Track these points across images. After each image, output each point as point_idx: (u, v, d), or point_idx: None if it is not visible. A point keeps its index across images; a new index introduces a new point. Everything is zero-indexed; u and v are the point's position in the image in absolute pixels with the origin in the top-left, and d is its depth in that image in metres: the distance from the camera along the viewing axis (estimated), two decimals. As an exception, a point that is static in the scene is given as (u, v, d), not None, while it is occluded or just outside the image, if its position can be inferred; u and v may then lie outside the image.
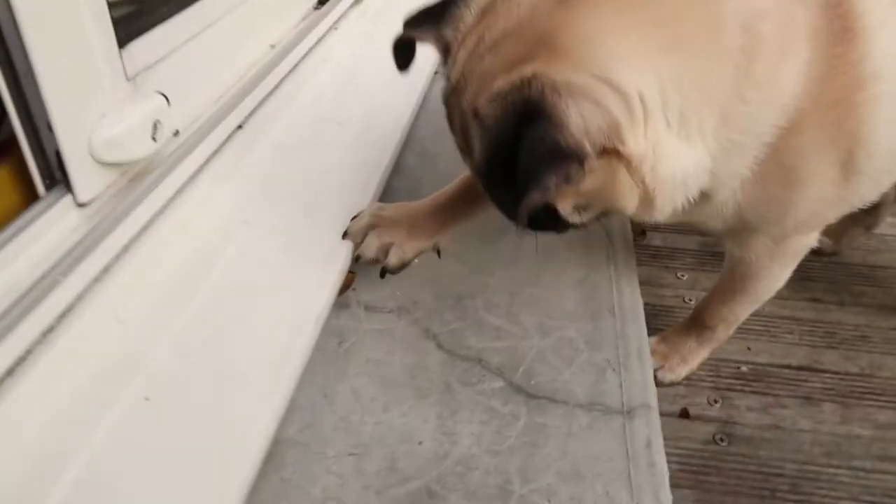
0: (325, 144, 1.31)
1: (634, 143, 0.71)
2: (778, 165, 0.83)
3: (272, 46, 1.50)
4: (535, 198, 0.67)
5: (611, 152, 0.71)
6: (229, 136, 1.19)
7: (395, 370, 0.99)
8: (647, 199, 0.79)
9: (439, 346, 1.04)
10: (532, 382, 0.99)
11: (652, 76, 0.70)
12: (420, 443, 0.89)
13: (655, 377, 1.23)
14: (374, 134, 1.37)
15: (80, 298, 0.84)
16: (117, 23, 0.97)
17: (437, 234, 1.09)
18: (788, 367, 1.31)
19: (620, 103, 0.68)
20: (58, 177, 0.90)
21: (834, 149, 0.84)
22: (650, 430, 0.93)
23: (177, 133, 1.05)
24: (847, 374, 1.30)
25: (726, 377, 1.29)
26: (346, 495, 0.82)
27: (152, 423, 0.76)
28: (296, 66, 1.48)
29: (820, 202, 0.91)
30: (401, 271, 1.08)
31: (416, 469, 0.86)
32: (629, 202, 0.79)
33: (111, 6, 0.92)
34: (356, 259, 1.06)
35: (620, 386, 1.00)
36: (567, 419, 0.94)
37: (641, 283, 1.52)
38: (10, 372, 0.73)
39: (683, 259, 1.59)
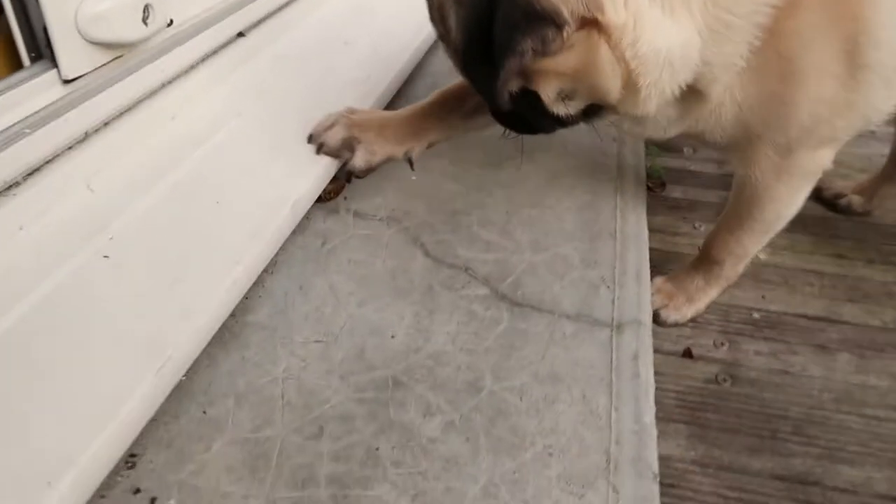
0: (328, 60, 1.28)
1: (614, 12, 0.68)
2: (775, 54, 0.77)
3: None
4: (511, 65, 0.65)
5: (590, 23, 0.68)
6: (229, 41, 1.16)
7: (376, 271, 0.95)
8: (630, 82, 0.74)
9: (426, 253, 1.00)
10: (518, 292, 0.94)
11: None
12: (392, 336, 0.85)
13: (658, 316, 1.17)
14: (379, 55, 1.33)
15: (50, 162, 0.82)
16: None
17: (409, 142, 1.03)
18: (804, 316, 1.23)
19: None
20: (44, 51, 0.88)
21: (836, 35, 0.77)
22: (639, 344, 0.87)
23: (171, 23, 1.03)
24: (867, 326, 1.21)
25: (736, 322, 1.21)
26: (307, 377, 0.78)
27: (107, 278, 0.74)
28: (309, -13, 1.45)
29: (824, 103, 0.84)
30: (367, 174, 1.02)
31: (383, 360, 0.82)
32: (612, 84, 0.74)
33: None
34: (318, 147, 1.00)
35: (613, 302, 0.94)
36: (550, 327, 0.88)
37: (656, 231, 1.46)
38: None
39: (703, 212, 1.51)
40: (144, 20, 0.97)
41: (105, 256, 0.76)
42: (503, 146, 1.16)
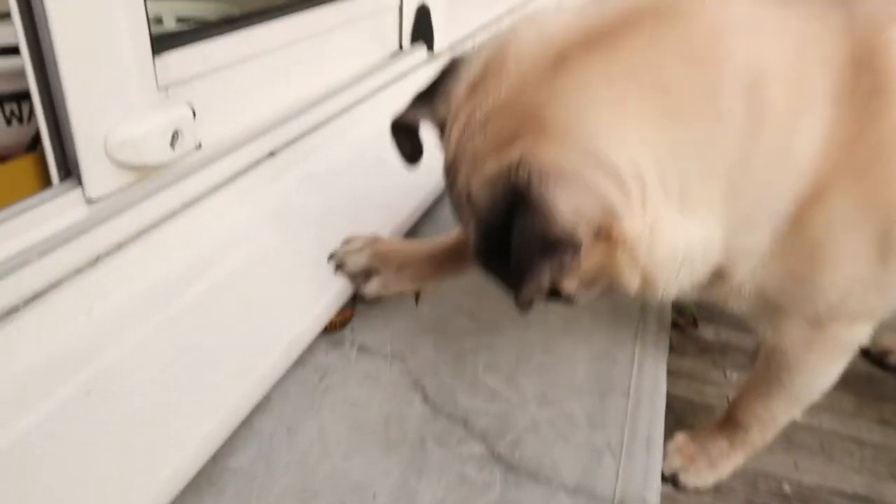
0: (356, 181, 1.29)
1: (631, 224, 0.66)
2: (801, 239, 0.73)
3: (331, 87, 1.53)
4: (530, 290, 0.64)
5: (606, 234, 0.66)
6: (258, 161, 1.19)
7: (370, 416, 0.92)
8: (647, 279, 0.72)
9: (425, 399, 0.96)
10: (516, 454, 0.88)
11: (647, 149, 0.65)
12: (374, 496, 0.80)
13: (678, 480, 1.09)
14: (406, 180, 1.33)
15: (55, 286, 0.83)
16: (162, 35, 1.01)
17: (424, 279, 1.04)
18: (842, 493, 1.12)
19: (613, 185, 0.64)
20: (73, 170, 0.91)
21: (867, 221, 0.73)
22: (641, 530, 0.80)
23: (199, 146, 1.06)
24: (913, 513, 1.09)
25: (764, 493, 1.12)
26: (276, 539, 0.74)
27: (86, 418, 0.72)
28: (350, 107, 1.49)
29: (854, 283, 0.78)
30: (374, 302, 1.04)
31: (360, 525, 0.77)
32: (630, 281, 0.72)
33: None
34: (338, 266, 1.01)
35: (617, 473, 0.87)
36: (545, 500, 0.82)
37: (684, 377, 1.38)
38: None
39: (735, 357, 1.43)
40: (172, 144, 0.99)
41: (87, 393, 0.75)
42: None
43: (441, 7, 1.85)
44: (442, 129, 0.78)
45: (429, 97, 0.79)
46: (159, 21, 1.76)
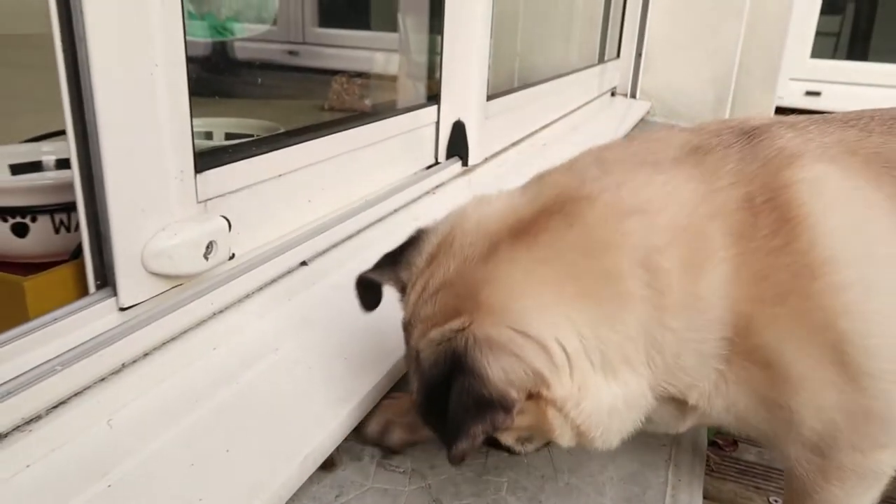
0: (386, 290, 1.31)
1: (559, 387, 0.74)
2: (752, 365, 0.76)
3: (367, 198, 1.58)
4: (462, 446, 0.70)
5: (537, 395, 0.74)
6: (290, 270, 1.22)
7: (385, 539, 0.88)
8: (581, 432, 0.78)
9: (443, 519, 0.92)
10: (539, 586, 0.83)
11: (567, 324, 0.74)
12: None
13: None
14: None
15: (78, 395, 0.84)
16: (203, 152, 1.07)
17: None
18: None
19: (540, 353, 0.73)
20: (110, 279, 0.95)
21: (810, 345, 0.74)
22: None
23: (232, 256, 1.09)
24: None
25: None
26: None
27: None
28: (382, 218, 1.54)
29: (834, 411, 0.77)
30: (403, 450, 1.03)
31: None
32: (564, 436, 0.79)
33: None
34: (358, 437, 1.03)
35: None
36: None
37: (724, 502, 1.30)
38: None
39: (779, 481, 1.34)
40: (206, 255, 1.03)
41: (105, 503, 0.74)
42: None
43: (475, 123, 1.93)
44: (403, 291, 0.90)
45: (393, 262, 0.92)
46: (209, 136, 1.88)
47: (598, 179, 0.82)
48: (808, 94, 4.58)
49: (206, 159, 1.07)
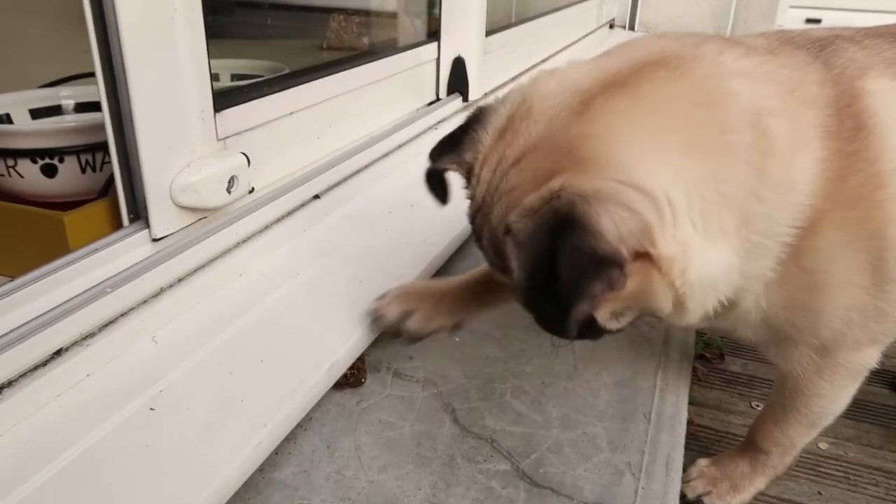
0: (392, 221, 1.39)
1: (665, 246, 0.70)
2: (798, 267, 0.78)
3: (372, 134, 1.65)
4: (583, 308, 0.66)
5: (643, 256, 0.70)
6: (304, 203, 1.30)
7: (403, 435, 0.99)
8: (679, 302, 0.76)
9: (455, 420, 1.03)
10: (540, 471, 0.94)
11: (675, 177, 0.70)
12: (406, 508, 0.87)
13: (701, 504, 1.12)
14: (441, 218, 1.43)
15: (125, 315, 0.94)
16: (221, 92, 1.14)
17: (460, 313, 1.09)
18: (866, 522, 1.14)
19: (650, 206, 0.68)
20: (142, 213, 1.03)
21: (859, 251, 0.78)
22: (658, 543, 0.85)
23: (252, 190, 1.17)
24: (939, 542, 1.10)
25: (787, 520, 1.14)
26: (316, 543, 0.81)
27: (149, 432, 0.82)
28: (387, 154, 1.61)
29: (854, 311, 0.83)
30: (417, 341, 1.07)
31: (393, 532, 0.84)
32: (664, 305, 0.76)
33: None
34: (377, 318, 1.06)
35: (636, 492, 0.92)
36: (566, 514, 0.88)
37: (710, 408, 1.42)
38: (45, 363, 0.82)
39: (762, 389, 1.45)
40: (229, 189, 1.11)
41: (151, 409, 0.84)
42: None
43: (475, 59, 1.97)
44: (468, 175, 0.83)
45: (454, 145, 0.84)
46: (216, 78, 1.92)
47: (698, 45, 0.79)
48: (809, 21, 4.54)
49: (223, 99, 1.14)
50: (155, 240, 1.03)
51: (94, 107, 1.33)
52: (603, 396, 1.10)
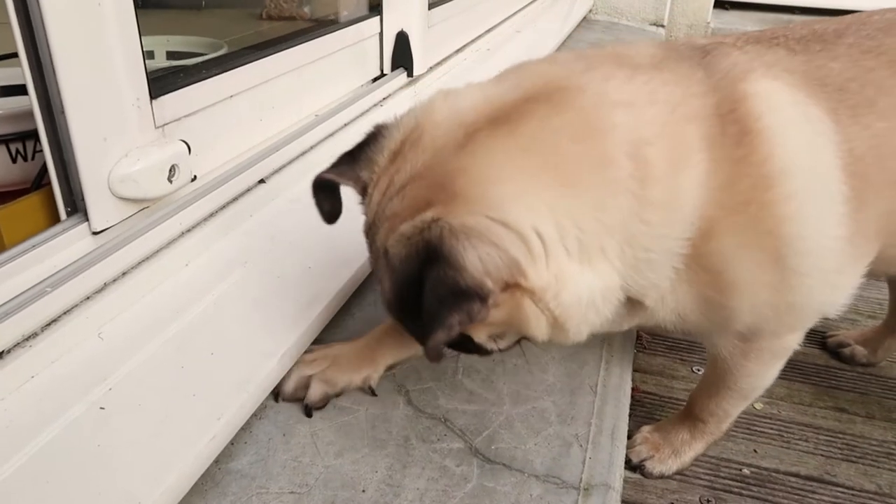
0: (342, 204, 1.38)
1: (536, 276, 0.74)
2: (703, 270, 0.82)
3: (316, 114, 1.63)
4: (439, 337, 0.69)
5: (513, 286, 0.73)
6: (249, 188, 1.28)
7: (358, 419, 1.00)
8: (556, 325, 0.79)
9: (409, 402, 1.05)
10: (492, 447, 0.98)
11: (546, 212, 0.73)
12: (363, 491, 0.89)
13: (644, 467, 1.18)
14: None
15: (68, 313, 0.92)
16: (156, 77, 1.10)
17: (366, 369, 1.04)
18: (797, 475, 1.22)
19: (517, 241, 0.72)
20: (79, 205, 1.00)
21: (758, 251, 0.82)
22: (605, 510, 0.89)
23: (194, 178, 1.15)
24: (862, 490, 1.18)
25: (725, 478, 1.21)
26: (275, 531, 0.83)
27: (100, 431, 0.81)
28: (332, 133, 1.59)
29: (764, 307, 0.88)
30: (324, 405, 1.01)
31: (351, 516, 0.86)
32: (540, 329, 0.80)
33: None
34: (276, 395, 1.00)
35: (584, 462, 0.96)
36: (518, 488, 0.91)
37: (654, 374, 1.48)
38: (-15, 367, 0.80)
39: (702, 354, 1.51)
40: (170, 178, 1.09)
41: (101, 408, 0.83)
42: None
43: (419, 33, 1.95)
44: (364, 192, 0.85)
45: (352, 161, 0.86)
46: (151, 56, 1.86)
47: (584, 72, 0.81)
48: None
49: (159, 85, 1.11)
50: (95, 233, 1.01)
51: (23, 90, 1.28)
52: (552, 371, 1.14)
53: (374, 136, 0.85)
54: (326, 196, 0.91)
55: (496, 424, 1.02)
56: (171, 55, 1.87)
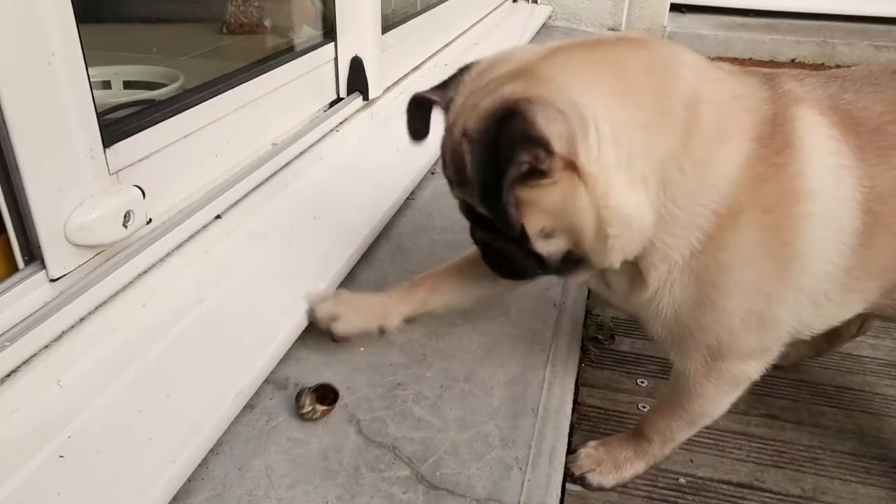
0: (295, 236, 1.44)
1: (586, 161, 0.84)
2: (714, 261, 0.91)
3: (273, 144, 1.67)
4: (513, 173, 0.81)
5: (570, 166, 0.84)
6: (205, 225, 1.33)
7: (311, 450, 1.06)
8: (600, 231, 0.89)
9: (359, 431, 1.11)
10: (437, 473, 1.04)
11: (607, 113, 0.84)
12: (314, 522, 0.95)
13: (585, 479, 1.25)
14: (345, 228, 1.49)
15: (27, 363, 0.96)
16: (109, 123, 1.15)
17: (382, 318, 1.23)
18: (729, 483, 1.30)
19: (579, 121, 0.83)
20: (36, 254, 1.05)
21: (771, 255, 0.91)
22: (540, 531, 0.96)
23: (149, 221, 1.20)
24: (788, 494, 1.27)
25: (662, 487, 1.29)
26: (230, 565, 0.88)
27: (58, 481, 0.86)
28: (289, 163, 1.64)
29: (753, 316, 0.96)
30: (345, 341, 1.24)
31: (302, 546, 0.91)
32: (586, 224, 0.89)
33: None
34: (309, 313, 1.23)
35: (522, 484, 1.03)
36: (460, 512, 0.98)
37: (599, 388, 1.56)
38: (-52, 422, 0.85)
39: (647, 366, 1.60)
40: (125, 224, 1.13)
41: (61, 456, 0.88)
42: (450, 315, 1.31)
43: (373, 57, 2.00)
44: (448, 107, 0.95)
45: (443, 87, 0.97)
46: (108, 85, 1.89)
47: (668, 44, 0.94)
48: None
49: (112, 131, 1.15)
50: (52, 280, 1.05)
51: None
52: (497, 394, 1.21)
53: (465, 68, 0.97)
54: (419, 115, 1.00)
55: (442, 451, 1.08)
56: (127, 84, 1.90)
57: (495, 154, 0.81)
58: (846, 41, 4.22)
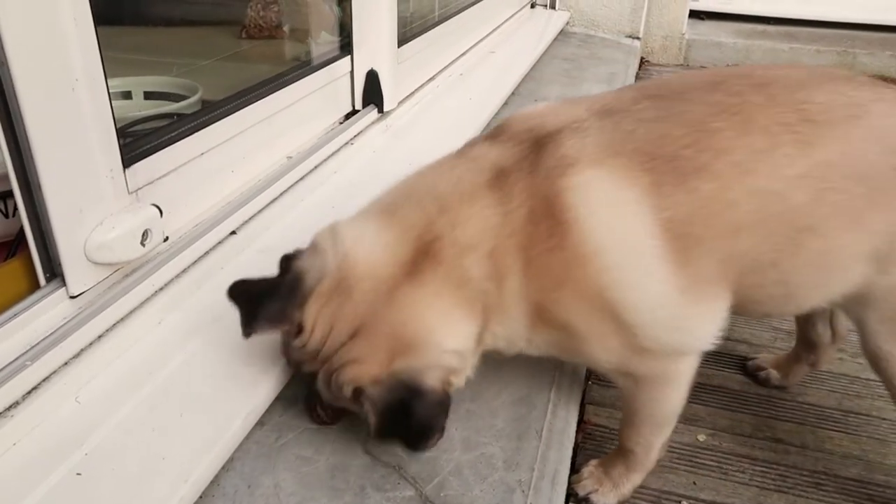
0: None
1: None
2: (553, 329, 1.02)
3: (288, 157, 1.70)
4: (439, 438, 0.98)
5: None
6: (220, 241, 1.36)
7: (318, 468, 1.09)
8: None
9: (366, 451, 1.13)
10: (441, 494, 1.06)
11: (461, 337, 1.01)
12: (320, 540, 0.98)
13: (589, 500, 1.28)
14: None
15: (47, 380, 1.00)
16: (127, 144, 1.18)
17: None
18: (732, 506, 1.32)
19: (453, 358, 1.00)
20: (57, 271, 1.08)
21: (590, 312, 0.99)
22: (541, 555, 0.98)
23: (166, 239, 1.23)
24: (790, 521, 1.29)
25: (665, 510, 1.31)
26: (238, 582, 0.91)
27: (77, 497, 0.89)
28: (304, 177, 1.67)
29: (615, 352, 1.03)
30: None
31: (308, 565, 0.94)
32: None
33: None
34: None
35: (524, 508, 1.05)
36: (462, 534, 1.00)
37: (606, 406, 1.57)
38: (-29, 438, 0.88)
39: (654, 384, 1.62)
40: (143, 242, 1.16)
41: (78, 474, 0.92)
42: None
43: (388, 71, 2.03)
44: (298, 330, 1.01)
45: (271, 297, 1.03)
46: (129, 96, 1.93)
47: (438, 218, 1.00)
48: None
49: (131, 152, 1.18)
50: (72, 297, 1.09)
51: None
52: (501, 416, 1.23)
53: (294, 280, 1.02)
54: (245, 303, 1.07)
55: (446, 471, 1.11)
56: (148, 94, 1.94)
57: (405, 423, 0.95)
58: (867, 51, 4.18)
